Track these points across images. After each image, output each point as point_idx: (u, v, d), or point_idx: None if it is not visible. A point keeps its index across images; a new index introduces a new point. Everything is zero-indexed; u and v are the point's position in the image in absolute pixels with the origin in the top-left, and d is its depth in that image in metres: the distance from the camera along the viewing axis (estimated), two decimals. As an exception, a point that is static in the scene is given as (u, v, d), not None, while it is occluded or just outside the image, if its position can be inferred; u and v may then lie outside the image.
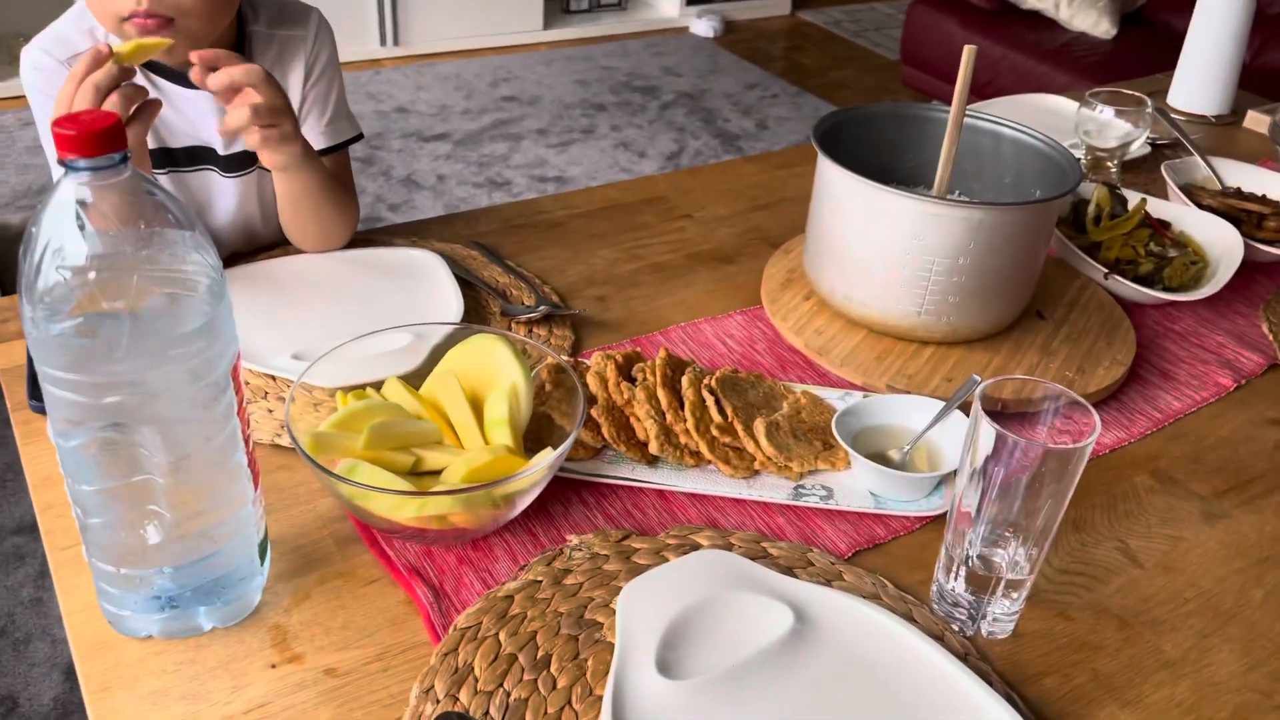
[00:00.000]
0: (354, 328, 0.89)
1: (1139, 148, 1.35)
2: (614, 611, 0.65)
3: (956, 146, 0.94)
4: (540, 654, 0.63)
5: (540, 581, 0.68)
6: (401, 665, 0.63)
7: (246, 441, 0.61)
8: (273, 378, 0.86)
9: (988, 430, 0.61)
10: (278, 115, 0.84)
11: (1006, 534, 0.65)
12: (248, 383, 0.85)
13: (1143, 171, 1.35)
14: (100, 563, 0.60)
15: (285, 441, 0.79)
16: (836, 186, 0.91)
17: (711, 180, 1.29)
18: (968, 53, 0.92)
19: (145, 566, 0.60)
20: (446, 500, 0.65)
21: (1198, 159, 1.27)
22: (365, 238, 1.08)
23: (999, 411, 0.63)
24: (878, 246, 0.89)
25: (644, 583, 0.65)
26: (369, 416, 0.71)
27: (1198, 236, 1.10)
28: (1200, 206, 1.15)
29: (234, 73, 0.81)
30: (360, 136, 1.05)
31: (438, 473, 0.71)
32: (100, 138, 0.51)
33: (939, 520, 0.76)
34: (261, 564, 0.65)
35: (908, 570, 0.73)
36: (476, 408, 0.74)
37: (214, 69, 0.81)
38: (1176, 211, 1.13)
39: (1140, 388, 0.93)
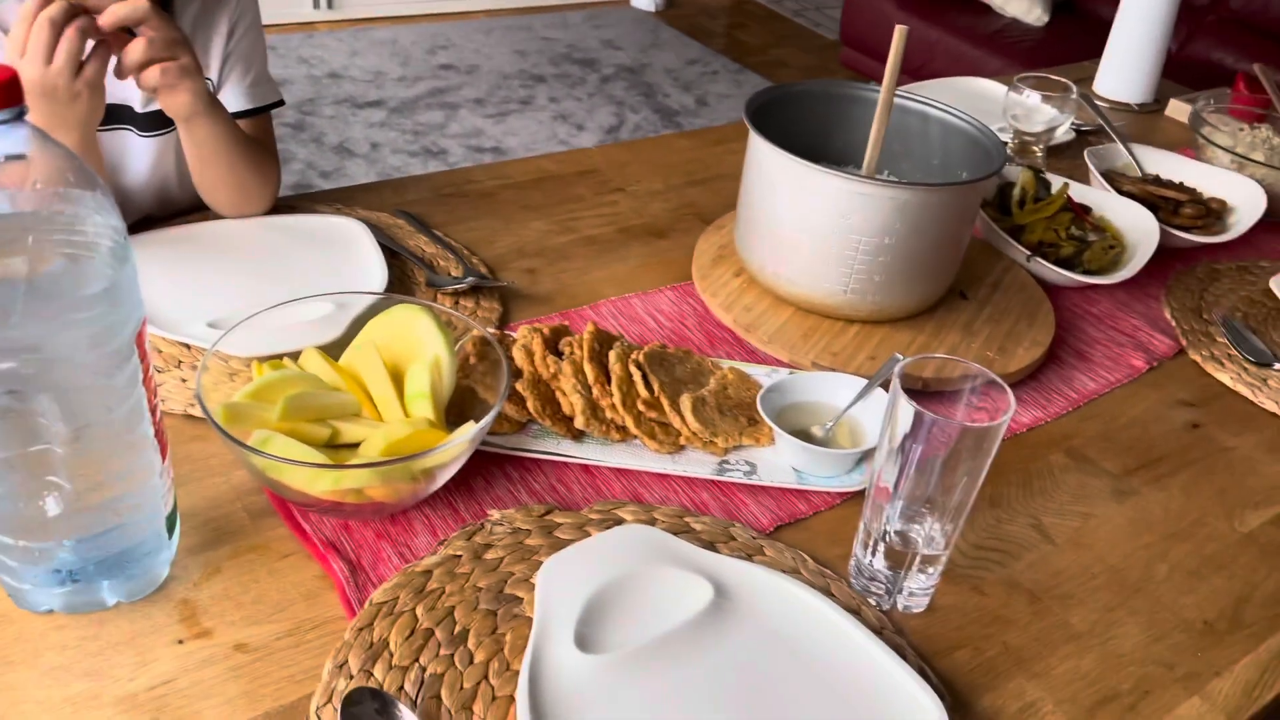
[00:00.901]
0: (273, 296, 0.86)
1: (1064, 133, 1.38)
2: (534, 587, 0.65)
3: (886, 127, 0.95)
4: (458, 629, 0.62)
5: (460, 556, 0.67)
6: (315, 640, 0.62)
7: (153, 412, 0.59)
8: (187, 346, 0.83)
9: (906, 408, 0.62)
10: (174, 48, 0.81)
11: (923, 510, 0.66)
12: (159, 350, 0.82)
13: (1066, 157, 1.38)
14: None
15: (198, 412, 0.77)
16: (767, 164, 0.91)
17: (647, 154, 1.28)
18: (899, 33, 0.92)
19: (45, 539, 0.58)
20: (363, 473, 0.64)
21: (1120, 146, 1.29)
22: (289, 204, 1.05)
23: (918, 390, 0.63)
24: (806, 224, 0.89)
25: (564, 557, 0.65)
26: (285, 387, 0.69)
27: (1117, 221, 1.13)
28: (1120, 192, 1.17)
29: (119, 10, 0.77)
30: (281, 102, 1.01)
31: (356, 446, 0.70)
32: (-6, 90, 0.49)
33: (859, 496, 0.77)
34: (170, 537, 0.64)
35: (828, 545, 0.73)
36: (397, 380, 0.73)
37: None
38: (1097, 197, 1.15)
39: (1058, 368, 0.95)
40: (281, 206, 1.03)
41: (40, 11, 0.74)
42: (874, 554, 0.68)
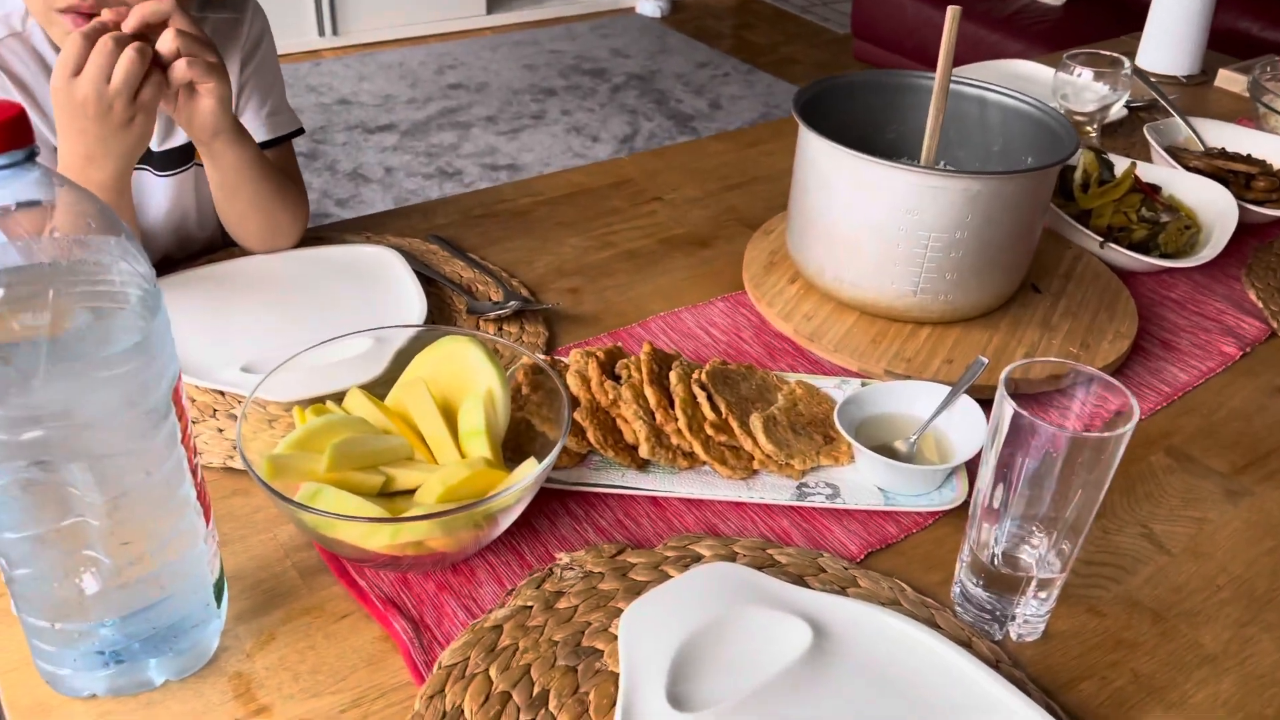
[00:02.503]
0: (308, 334, 0.82)
1: (1117, 111, 1.31)
2: (614, 637, 0.59)
3: (944, 114, 0.89)
4: (537, 690, 0.57)
5: (530, 607, 0.62)
6: (383, 711, 0.56)
7: (194, 471, 0.54)
8: (221, 394, 0.78)
9: (1014, 418, 0.56)
10: (201, 44, 0.76)
11: (1035, 529, 0.60)
12: (193, 400, 0.77)
13: (1120, 135, 1.32)
14: (32, 618, 0.53)
15: (238, 464, 0.72)
16: (822, 161, 0.85)
17: (679, 161, 1.23)
18: (952, 14, 0.86)
19: (84, 620, 0.53)
20: (423, 525, 0.59)
21: (1178, 120, 1.23)
22: (315, 234, 1.00)
23: (1022, 395, 0.57)
24: (868, 223, 0.83)
25: (645, 604, 0.59)
26: (330, 434, 0.64)
27: (1188, 200, 1.06)
28: (1187, 169, 1.11)
29: (144, 10, 0.73)
30: (301, 131, 0.97)
31: (411, 492, 0.64)
32: (3, 130, 0.44)
33: (953, 515, 0.71)
34: (218, 606, 0.58)
35: (925, 571, 0.67)
36: (449, 417, 0.68)
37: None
38: (1165, 175, 1.09)
39: (1144, 360, 0.89)
40: (309, 238, 0.98)
41: (102, 32, 0.71)
42: (982, 579, 0.62)
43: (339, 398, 0.70)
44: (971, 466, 0.72)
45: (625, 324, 0.91)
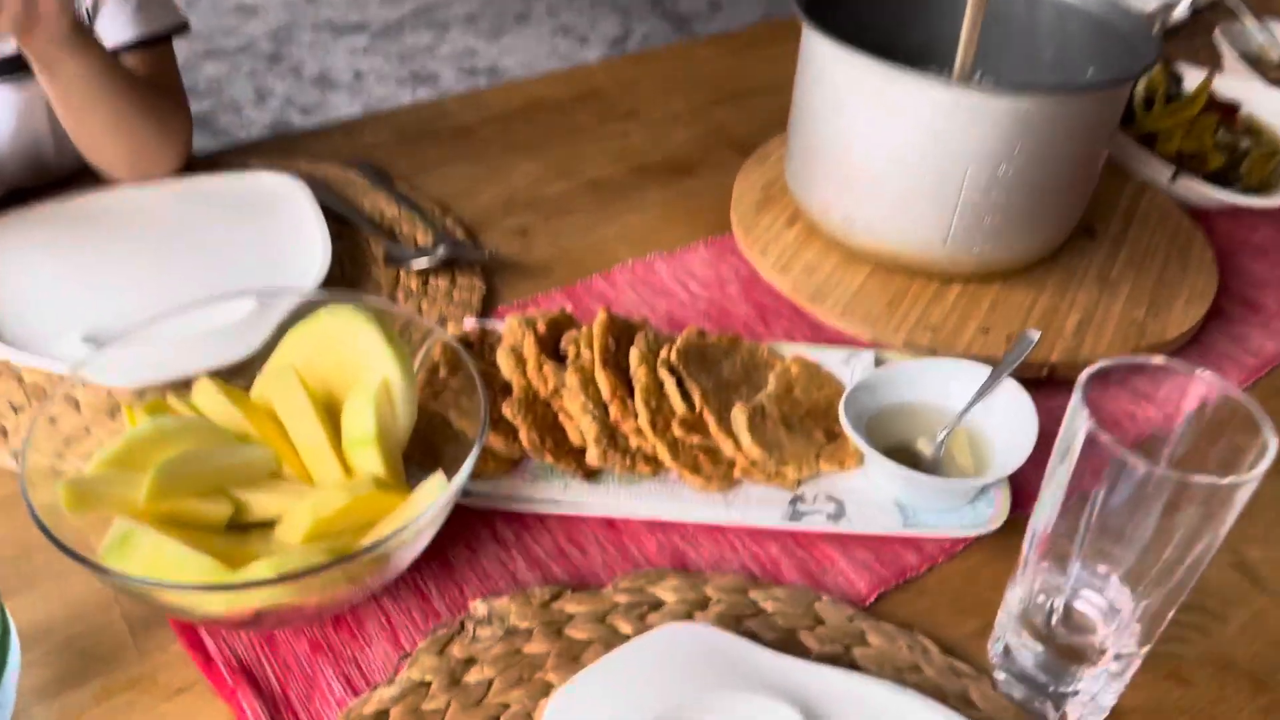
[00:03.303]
0: (178, 292, 0.65)
1: (1181, 12, 1.11)
2: (539, 729, 0.44)
3: (983, 13, 0.70)
4: (427, 811, 0.42)
5: (429, 683, 0.46)
6: (215, 840, 0.41)
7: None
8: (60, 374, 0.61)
9: (1097, 442, 0.40)
10: None
11: (1113, 580, 0.44)
12: (20, 381, 0.61)
13: (1181, 39, 1.12)
14: None
15: (66, 467, 0.55)
16: (832, 71, 0.67)
17: (661, 69, 1.04)
18: (1004, -122, 0.67)
19: None
20: (273, 590, 0.43)
21: (1252, 23, 1.03)
22: (213, 159, 0.82)
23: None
24: (888, 151, 0.66)
25: (579, 687, 0.44)
26: (160, 446, 0.47)
27: (1273, 121, 0.88)
28: (1269, 82, 0.92)
29: None
30: (185, 26, 0.78)
31: (272, 525, 0.48)
32: None
33: (991, 539, 0.55)
34: (-7, 691, 0.43)
35: (954, 617, 0.52)
36: (332, 418, 0.51)
37: None
38: (1242, 89, 0.90)
39: (1223, 325, 0.72)
40: (199, 164, 0.80)
41: None
42: (1035, 642, 0.47)
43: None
44: (1016, 476, 0.55)
45: (584, 275, 0.73)
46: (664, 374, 0.57)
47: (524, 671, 0.47)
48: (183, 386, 0.57)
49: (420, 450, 0.54)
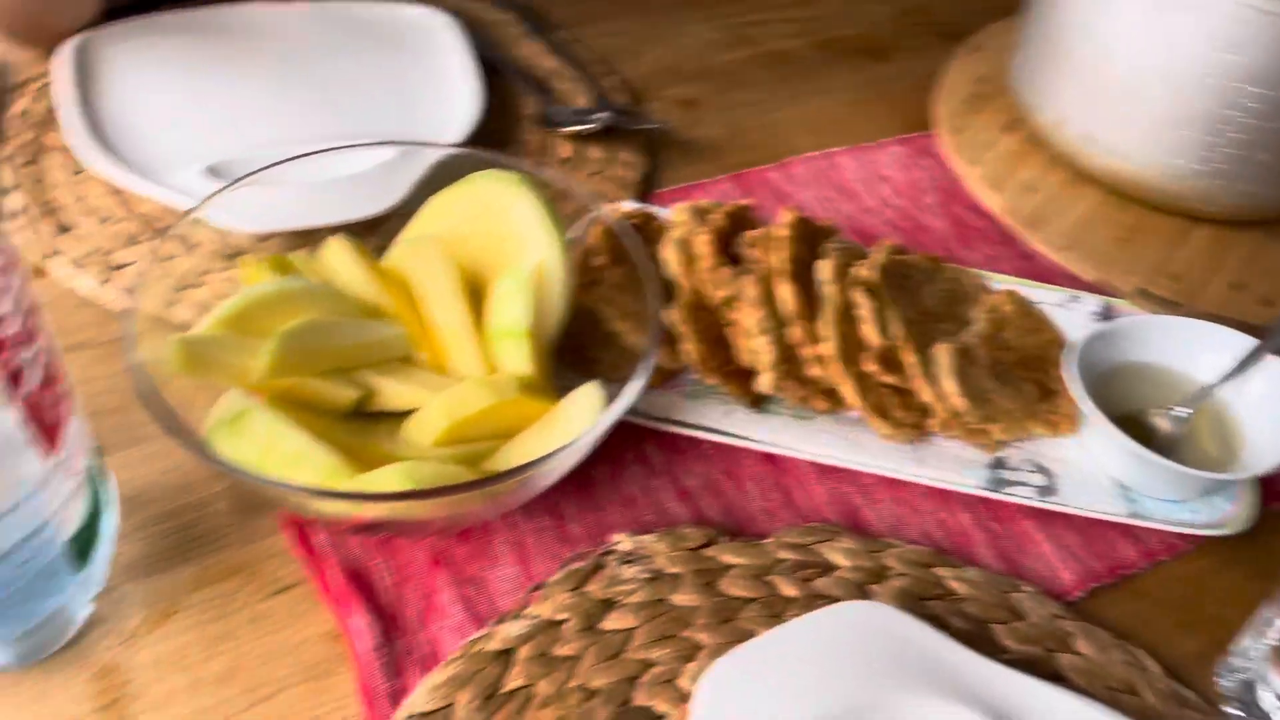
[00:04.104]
0: (306, 127, 0.58)
1: None
2: (685, 697, 0.38)
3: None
4: (551, 778, 0.36)
5: (563, 622, 0.40)
6: (311, 772, 0.36)
7: (15, 378, 0.32)
8: (180, 208, 0.55)
9: None
10: None
11: None
12: (134, 212, 0.55)
13: None
14: None
15: (182, 312, 0.50)
16: (1101, -52, 0.55)
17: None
18: None
19: None
20: (401, 503, 0.36)
21: None
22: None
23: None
24: (1157, 61, 0.54)
25: (742, 664, 0.37)
26: (282, 311, 0.41)
27: None
28: None
29: None
30: None
31: (401, 415, 0.42)
32: None
33: (1226, 542, 0.46)
34: (82, 564, 0.38)
35: (1175, 630, 0.43)
36: (476, 301, 0.44)
37: None
38: None
39: None
40: (340, -14, 0.71)
41: None
42: (1294, 692, 0.38)
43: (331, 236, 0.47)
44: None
45: (756, 163, 0.64)
46: (859, 296, 0.48)
47: (670, 626, 0.40)
48: (305, 239, 0.50)
49: (567, 350, 0.47)
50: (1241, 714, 0.40)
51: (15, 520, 0.33)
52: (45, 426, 0.34)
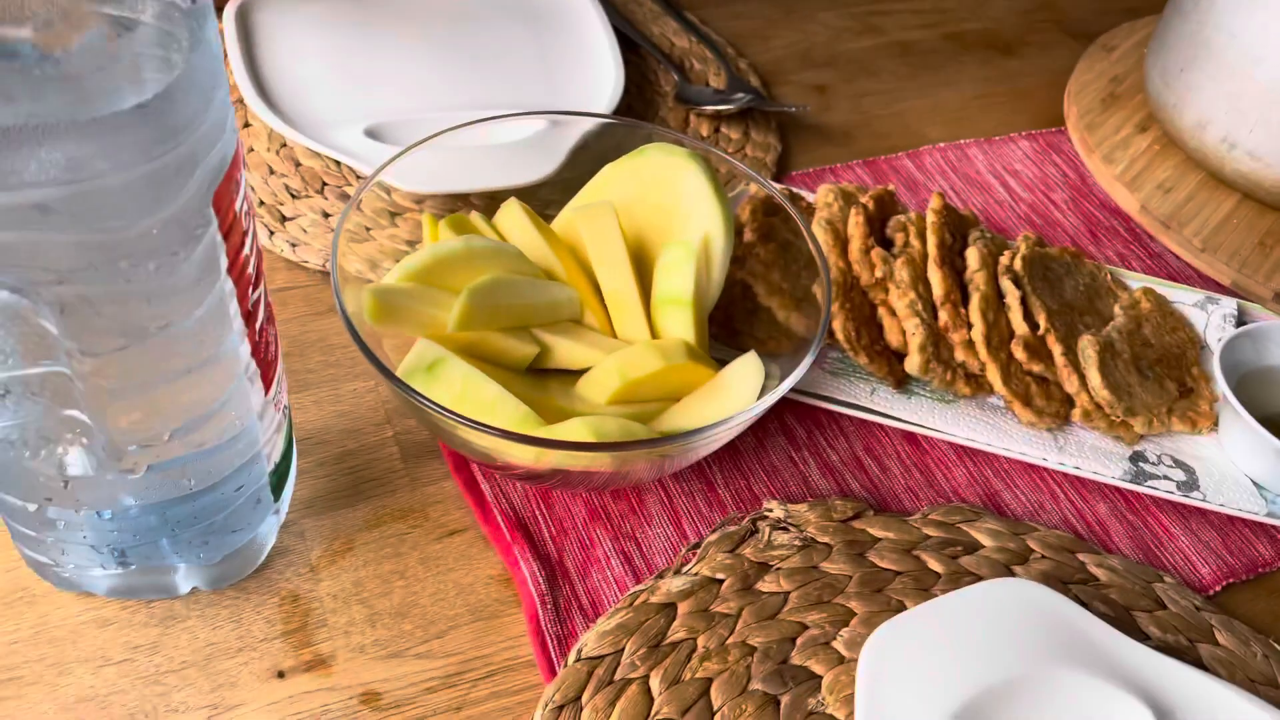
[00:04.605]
0: (455, 95, 0.60)
1: None
2: (840, 659, 0.39)
3: None
4: (716, 726, 0.38)
5: (721, 581, 0.41)
6: (486, 705, 0.38)
7: (249, 315, 0.34)
8: (336, 163, 0.57)
9: None
10: None
11: None
12: (297, 164, 0.57)
13: None
14: (2, 493, 0.35)
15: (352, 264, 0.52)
16: (1261, -48, 0.55)
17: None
18: None
19: (68, 507, 0.35)
20: (591, 454, 0.38)
21: None
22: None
23: None
24: (1311, 64, 0.54)
25: (906, 629, 0.38)
26: (470, 267, 0.43)
27: None
28: None
29: None
30: None
31: (572, 374, 0.44)
32: None
33: (1367, 549, 0.47)
34: (275, 499, 0.40)
35: (1312, 631, 0.44)
36: (642, 269, 0.45)
37: None
38: None
39: None
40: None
41: None
42: None
43: (489, 203, 0.49)
44: None
45: (887, 152, 0.65)
46: (1006, 284, 0.49)
47: (824, 592, 0.42)
48: (457, 202, 0.52)
49: (711, 320, 0.48)
50: (1383, 714, 0.41)
51: (239, 448, 0.35)
52: (264, 361, 0.36)
